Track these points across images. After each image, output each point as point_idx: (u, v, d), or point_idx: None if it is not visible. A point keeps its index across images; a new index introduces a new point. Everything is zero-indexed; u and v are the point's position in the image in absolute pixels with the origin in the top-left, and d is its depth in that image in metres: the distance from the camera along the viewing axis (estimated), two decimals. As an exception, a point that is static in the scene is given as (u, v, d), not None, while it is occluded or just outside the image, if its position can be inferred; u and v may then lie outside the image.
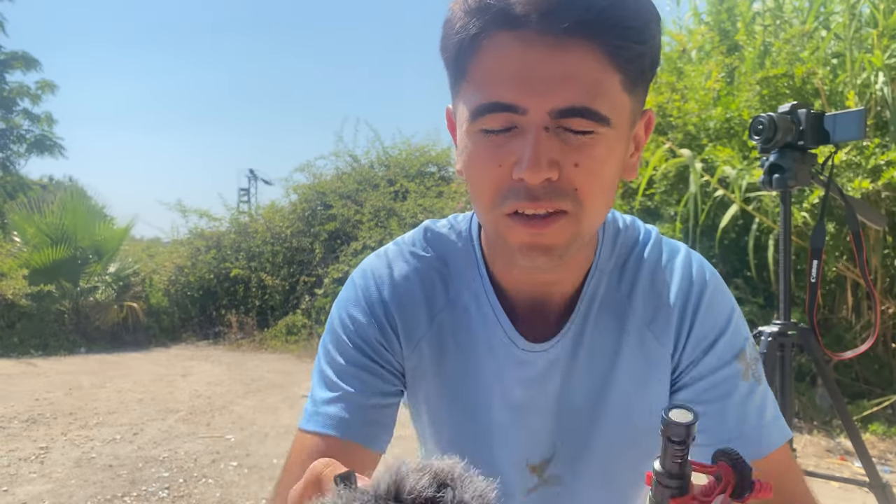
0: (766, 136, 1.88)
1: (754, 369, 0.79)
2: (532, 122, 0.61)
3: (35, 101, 17.87)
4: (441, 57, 0.69)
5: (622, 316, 0.79)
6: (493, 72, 0.62)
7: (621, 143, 0.66)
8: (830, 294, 4.49)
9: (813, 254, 1.94)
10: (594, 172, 0.63)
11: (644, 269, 0.80)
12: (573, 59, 0.59)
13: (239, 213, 10.76)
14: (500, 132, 0.63)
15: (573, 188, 0.63)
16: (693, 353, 0.78)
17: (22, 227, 9.16)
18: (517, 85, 0.60)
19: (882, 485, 1.85)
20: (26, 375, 6.30)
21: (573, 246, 0.67)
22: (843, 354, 2.22)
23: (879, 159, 3.75)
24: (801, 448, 3.61)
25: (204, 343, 8.91)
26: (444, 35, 0.67)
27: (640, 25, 0.61)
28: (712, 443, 0.77)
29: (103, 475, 3.42)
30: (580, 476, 0.82)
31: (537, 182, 0.61)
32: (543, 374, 0.78)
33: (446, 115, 0.76)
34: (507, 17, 0.59)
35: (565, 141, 0.62)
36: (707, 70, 4.89)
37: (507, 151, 0.63)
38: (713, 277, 0.81)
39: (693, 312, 0.77)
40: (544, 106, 0.60)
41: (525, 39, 0.60)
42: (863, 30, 4.48)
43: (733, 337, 0.78)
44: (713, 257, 4.46)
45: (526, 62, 0.60)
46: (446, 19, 0.67)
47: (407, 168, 9.75)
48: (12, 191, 16.12)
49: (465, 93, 0.66)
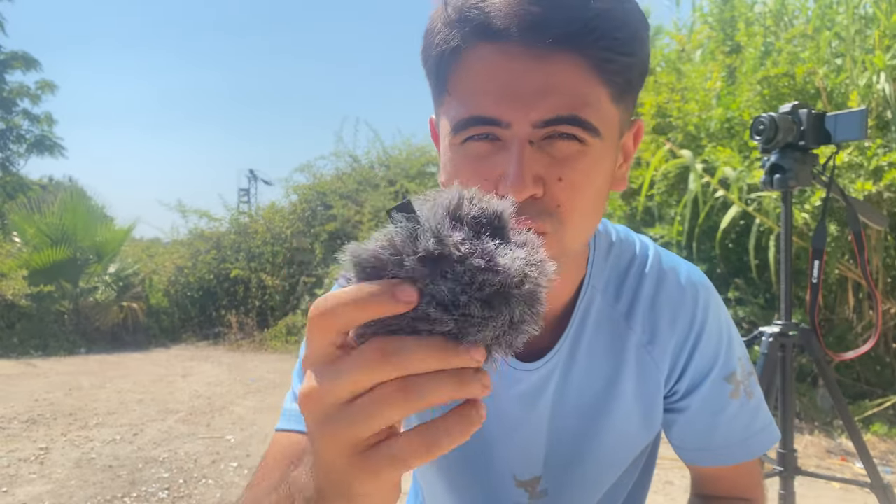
0: (768, 136, 1.88)
1: (746, 385, 0.80)
2: (516, 136, 0.59)
3: (35, 101, 17.89)
4: (422, 67, 0.68)
5: (620, 336, 0.77)
6: (474, 85, 0.60)
7: (609, 155, 0.64)
8: (832, 294, 4.48)
9: (814, 254, 1.94)
10: (578, 187, 0.61)
11: (644, 288, 0.78)
12: (557, 71, 0.58)
13: (239, 214, 10.76)
14: (483, 139, 0.61)
15: (556, 205, 0.61)
16: (691, 383, 0.78)
17: (22, 227, 9.16)
18: (499, 98, 0.59)
19: (883, 486, 1.85)
20: (26, 376, 6.29)
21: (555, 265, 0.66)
22: (844, 355, 2.22)
23: (881, 160, 3.74)
24: (802, 449, 3.60)
25: (204, 343, 8.90)
26: (424, 46, 0.66)
27: (628, 36, 0.59)
28: (694, 447, 0.81)
29: (103, 476, 3.41)
30: (569, 492, 0.81)
31: (522, 199, 0.59)
32: (535, 391, 0.77)
33: (430, 125, 0.74)
34: (487, 29, 0.58)
35: (550, 153, 0.60)
36: (708, 70, 4.89)
37: (491, 165, 0.61)
38: (712, 298, 0.80)
39: (693, 344, 0.77)
40: (528, 118, 0.58)
41: (507, 52, 0.58)
42: (865, 30, 4.48)
43: (726, 361, 0.79)
44: (713, 258, 4.45)
45: (508, 75, 0.58)
46: (427, 29, 0.65)
47: (407, 168, 9.74)
48: (12, 191, 16.12)
49: (447, 106, 0.64)
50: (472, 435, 0.78)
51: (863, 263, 1.98)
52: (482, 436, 0.79)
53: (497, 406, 0.78)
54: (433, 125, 0.73)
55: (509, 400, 0.78)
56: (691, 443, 0.81)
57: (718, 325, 0.79)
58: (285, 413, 0.76)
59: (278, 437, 0.74)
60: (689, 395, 0.79)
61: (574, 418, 0.78)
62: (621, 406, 0.77)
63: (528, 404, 0.78)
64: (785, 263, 1.97)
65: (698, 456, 0.82)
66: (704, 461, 0.81)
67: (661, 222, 4.60)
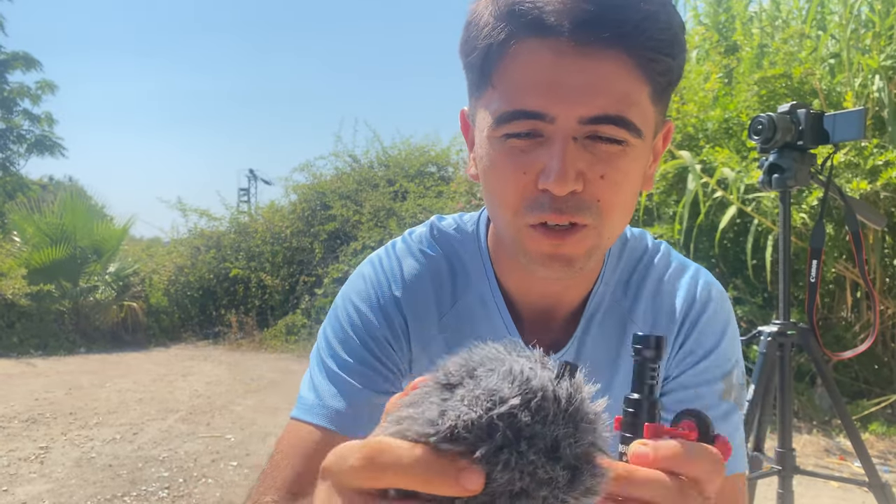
0: (766, 136, 1.88)
1: (737, 394, 0.79)
2: (560, 131, 0.60)
3: (35, 101, 17.88)
4: (461, 59, 0.68)
5: (623, 328, 0.78)
6: (521, 78, 0.61)
7: (646, 154, 0.65)
8: (830, 294, 4.49)
9: (812, 254, 1.94)
10: (618, 185, 0.62)
11: (648, 281, 0.79)
12: (605, 70, 0.59)
13: (239, 213, 10.75)
14: (524, 137, 0.62)
15: (596, 200, 0.62)
16: (678, 367, 0.78)
17: (22, 226, 9.15)
18: (546, 93, 0.59)
19: (881, 484, 1.85)
20: (26, 375, 6.30)
21: (592, 258, 0.66)
22: (842, 354, 2.23)
23: (878, 160, 3.75)
24: (800, 448, 3.61)
25: (204, 343, 8.90)
26: (466, 38, 0.66)
27: (671, 38, 0.61)
28: None
29: (103, 475, 3.42)
30: None
31: (563, 193, 0.60)
32: None
33: (461, 117, 0.75)
34: (539, 24, 0.58)
35: (593, 152, 0.61)
36: (706, 71, 4.90)
37: (531, 159, 0.62)
38: (718, 297, 0.80)
39: (688, 330, 0.77)
40: (573, 114, 0.59)
41: (556, 48, 0.59)
42: (860, 30, 4.48)
43: (721, 358, 0.78)
44: (712, 258, 4.47)
45: (556, 70, 0.59)
46: (469, 21, 0.65)
47: (406, 168, 9.74)
48: (12, 191, 16.11)
49: (488, 98, 0.64)
50: None
51: (861, 263, 1.99)
52: None
53: None
54: (464, 117, 0.74)
55: None
56: None
57: (719, 321, 0.79)
58: (301, 401, 0.75)
59: (293, 426, 0.74)
60: (680, 376, 0.77)
61: None
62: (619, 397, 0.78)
63: None
64: (783, 263, 1.97)
65: None
66: None
67: (659, 222, 4.61)
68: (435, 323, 0.78)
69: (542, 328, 0.78)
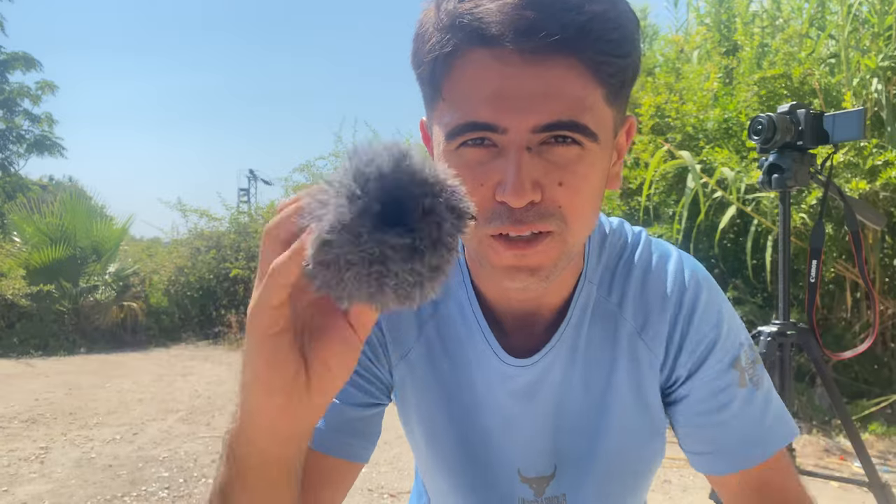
0: (766, 136, 1.89)
1: (752, 373, 0.77)
2: (513, 143, 0.59)
3: (35, 101, 17.90)
4: (413, 72, 0.67)
5: (614, 326, 0.77)
6: (469, 91, 0.59)
7: (605, 156, 0.64)
8: (829, 294, 4.49)
9: (812, 254, 1.95)
10: (578, 189, 0.61)
11: (633, 275, 0.78)
12: (554, 76, 0.57)
13: (239, 213, 10.74)
14: (479, 145, 0.60)
15: (557, 206, 0.61)
16: (688, 364, 0.76)
17: (21, 226, 9.15)
18: (495, 103, 0.58)
19: (881, 484, 1.85)
20: (26, 375, 6.30)
21: (560, 265, 0.65)
22: (842, 354, 2.23)
23: (877, 159, 3.75)
24: (800, 448, 3.61)
25: (204, 343, 8.90)
26: (415, 50, 0.65)
27: (622, 38, 0.59)
28: (714, 451, 0.77)
29: (103, 475, 3.42)
30: (583, 492, 0.81)
31: (521, 206, 0.59)
32: (532, 387, 0.77)
33: (420, 128, 0.73)
34: (482, 34, 0.57)
35: (549, 159, 0.60)
36: (705, 71, 4.90)
37: (487, 171, 0.60)
38: (706, 282, 0.78)
39: (686, 321, 0.76)
40: (525, 124, 0.58)
41: (502, 57, 0.57)
42: (859, 30, 4.49)
43: (727, 344, 0.76)
44: (712, 258, 4.47)
45: (504, 80, 0.57)
46: (417, 34, 0.64)
47: (406, 168, 9.73)
48: (12, 191, 16.12)
49: (440, 112, 0.63)
50: (472, 425, 0.79)
51: (860, 263, 1.99)
52: (484, 424, 0.79)
53: (494, 400, 0.78)
54: (424, 128, 0.72)
55: (504, 395, 0.78)
56: (702, 442, 0.77)
57: (714, 306, 0.77)
58: None
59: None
60: (691, 378, 0.76)
61: (579, 415, 0.78)
62: (617, 400, 0.77)
63: (523, 400, 0.78)
64: (783, 263, 1.98)
65: (715, 462, 0.77)
66: (722, 465, 0.77)
67: (659, 222, 4.61)
68: (414, 332, 0.78)
69: (525, 332, 0.77)
